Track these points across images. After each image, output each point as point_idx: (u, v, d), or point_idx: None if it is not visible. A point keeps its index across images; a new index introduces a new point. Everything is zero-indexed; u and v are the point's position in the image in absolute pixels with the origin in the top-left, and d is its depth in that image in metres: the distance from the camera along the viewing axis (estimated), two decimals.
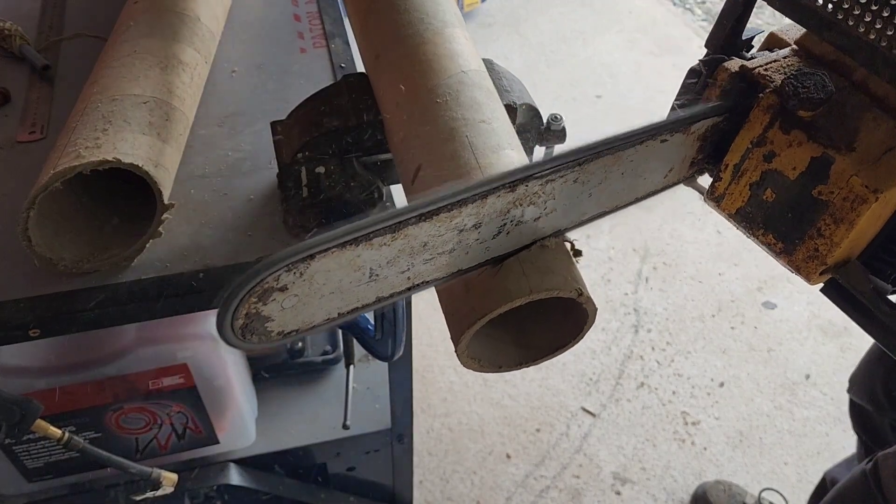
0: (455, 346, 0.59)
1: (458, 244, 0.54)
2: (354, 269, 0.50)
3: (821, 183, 0.60)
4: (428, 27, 0.74)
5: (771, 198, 0.65)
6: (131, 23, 0.88)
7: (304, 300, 0.49)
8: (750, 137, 0.64)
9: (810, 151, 0.60)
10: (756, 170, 0.65)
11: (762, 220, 0.67)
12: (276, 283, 0.46)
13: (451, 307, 0.59)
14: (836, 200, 0.60)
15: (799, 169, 0.62)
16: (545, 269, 0.57)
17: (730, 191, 0.68)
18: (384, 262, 0.51)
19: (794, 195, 0.63)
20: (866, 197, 0.58)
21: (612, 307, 2.27)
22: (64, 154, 0.71)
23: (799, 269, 0.66)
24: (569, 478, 1.87)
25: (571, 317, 0.62)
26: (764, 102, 0.62)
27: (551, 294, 0.56)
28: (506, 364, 0.64)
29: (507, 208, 0.54)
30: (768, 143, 0.63)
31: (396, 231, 0.49)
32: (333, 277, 0.49)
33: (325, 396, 1.30)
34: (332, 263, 0.48)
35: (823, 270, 0.64)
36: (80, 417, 1.04)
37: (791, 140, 0.61)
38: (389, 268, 0.52)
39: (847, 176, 0.58)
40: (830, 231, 0.61)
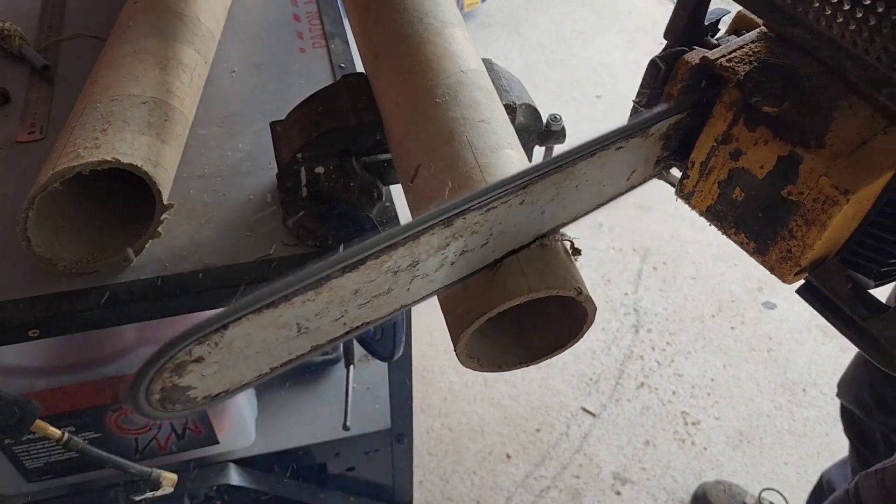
0: (454, 345, 0.58)
1: (395, 284, 0.51)
2: (278, 327, 0.47)
3: (790, 183, 0.56)
4: (427, 27, 0.74)
5: (740, 197, 0.61)
6: (131, 23, 0.88)
7: (227, 364, 0.47)
8: (714, 135, 0.60)
9: (777, 150, 0.56)
10: (723, 168, 0.61)
11: (733, 219, 0.63)
12: (189, 357, 0.44)
13: (450, 306, 0.59)
14: (807, 202, 0.56)
15: (766, 168, 0.57)
16: (544, 267, 0.57)
17: (699, 188, 0.65)
18: (311, 315, 0.48)
19: (764, 195, 0.58)
20: (837, 199, 0.53)
21: (612, 307, 2.27)
22: (63, 154, 0.71)
23: (773, 269, 0.62)
24: (569, 478, 1.87)
25: (571, 316, 0.62)
26: (726, 98, 0.58)
27: (550, 293, 0.56)
28: (505, 364, 0.64)
29: (445, 243, 0.51)
30: (734, 141, 0.59)
31: (319, 286, 0.46)
32: (256, 339, 0.47)
33: (325, 397, 1.30)
34: (251, 327, 0.45)
35: (798, 271, 0.60)
36: (79, 417, 1.04)
37: (757, 137, 0.57)
38: (319, 319, 0.49)
39: (816, 176, 0.54)
40: (802, 233, 0.57)
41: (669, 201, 0.73)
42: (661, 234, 2.50)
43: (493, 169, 0.62)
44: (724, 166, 0.61)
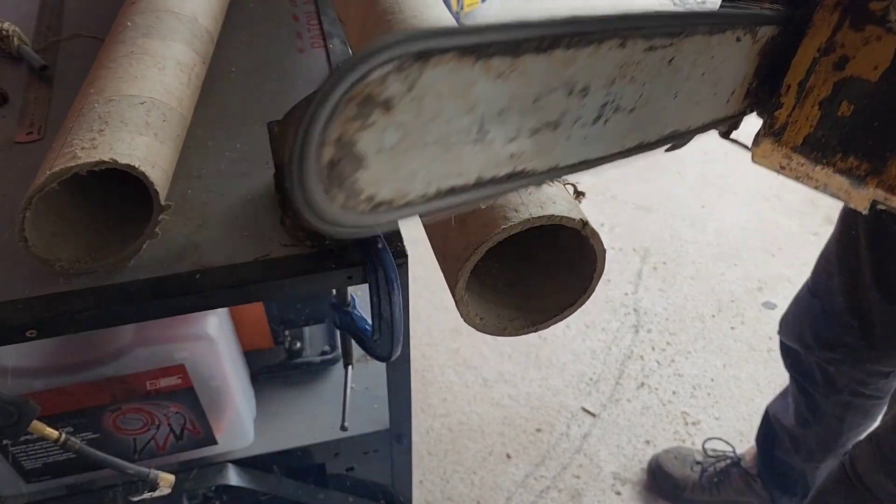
0: (452, 291, 0.55)
1: (563, 116, 0.45)
2: (466, 107, 0.40)
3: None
4: (423, 23, 0.74)
5: (848, 112, 0.57)
6: (129, 23, 0.88)
7: (407, 141, 0.38)
8: (816, 45, 0.57)
9: (892, 44, 0.53)
10: (826, 83, 0.57)
11: (839, 141, 0.57)
12: (380, 89, 0.35)
13: (445, 250, 0.56)
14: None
15: (882, 67, 0.54)
16: (546, 199, 0.54)
17: (793, 117, 0.59)
18: (495, 110, 0.42)
19: (880, 99, 0.54)
20: None
21: (612, 307, 2.27)
22: (60, 155, 0.71)
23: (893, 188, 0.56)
24: (569, 478, 1.87)
25: (578, 271, 0.59)
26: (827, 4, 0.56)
27: (553, 221, 0.53)
28: (511, 327, 0.61)
29: (612, 75, 0.46)
30: (839, 48, 0.56)
31: (516, 56, 0.40)
32: (443, 111, 0.39)
33: (324, 397, 1.30)
34: (446, 82, 0.38)
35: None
36: (77, 418, 1.04)
37: (867, 37, 0.54)
38: (499, 124, 0.42)
39: None
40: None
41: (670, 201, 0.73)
42: (662, 234, 2.50)
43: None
44: (828, 81, 0.57)
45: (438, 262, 0.58)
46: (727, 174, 2.75)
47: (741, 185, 2.71)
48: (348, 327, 1.03)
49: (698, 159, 2.80)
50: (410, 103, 0.37)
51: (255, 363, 1.30)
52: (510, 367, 2.11)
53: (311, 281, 0.81)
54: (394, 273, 0.78)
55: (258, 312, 1.25)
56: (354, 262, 0.81)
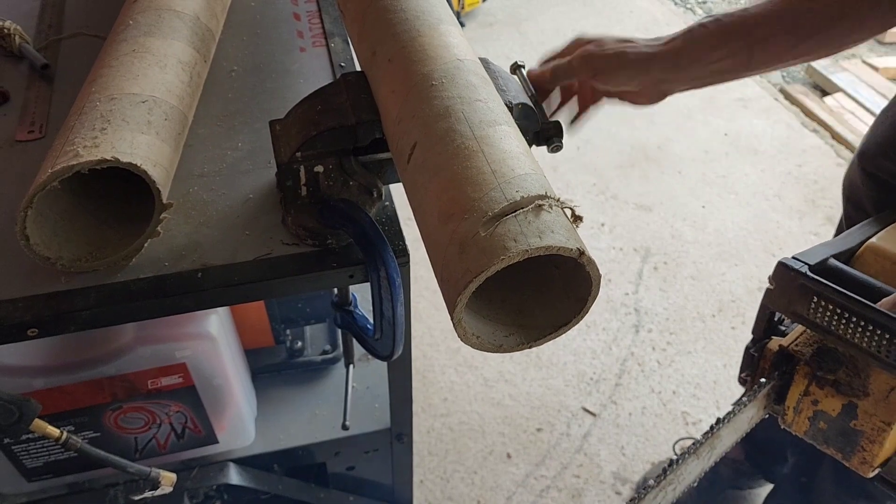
0: (450, 312, 0.56)
1: None
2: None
3: (854, 419, 0.89)
4: (423, 23, 0.74)
5: (824, 427, 0.93)
6: (130, 21, 0.88)
7: None
8: (798, 391, 0.94)
9: (840, 400, 0.89)
10: (809, 409, 0.93)
11: (823, 440, 0.94)
12: None
13: (446, 272, 0.57)
14: (867, 430, 0.88)
15: (836, 410, 0.90)
16: (545, 228, 0.55)
17: (794, 422, 0.96)
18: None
19: (839, 427, 0.90)
20: (884, 428, 0.87)
21: (612, 307, 2.27)
22: (62, 153, 0.71)
23: (857, 468, 0.92)
24: (569, 477, 1.87)
25: (573, 292, 0.60)
26: (801, 372, 0.93)
27: (551, 251, 0.53)
28: (507, 343, 0.62)
29: None
30: (812, 394, 0.92)
31: None
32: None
33: (325, 396, 1.30)
34: None
35: (873, 469, 0.91)
36: (78, 417, 1.04)
37: (826, 393, 0.90)
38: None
39: (869, 416, 0.87)
40: (868, 447, 0.89)
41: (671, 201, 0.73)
42: (662, 233, 2.50)
43: (490, 141, 0.61)
44: (809, 408, 0.93)
45: (438, 282, 0.59)
46: (728, 174, 2.75)
47: (742, 184, 2.71)
48: (349, 326, 1.03)
49: (699, 159, 2.80)
50: None
51: (257, 362, 1.30)
52: (511, 367, 2.11)
53: (313, 280, 0.81)
54: (395, 272, 0.78)
55: (259, 311, 1.25)
56: (356, 261, 0.81)
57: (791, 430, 0.96)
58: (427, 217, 0.61)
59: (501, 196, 0.56)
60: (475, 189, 0.57)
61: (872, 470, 0.90)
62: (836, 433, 0.91)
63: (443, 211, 0.58)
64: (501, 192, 0.56)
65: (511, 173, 0.58)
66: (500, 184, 0.57)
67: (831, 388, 0.89)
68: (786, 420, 0.97)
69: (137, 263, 0.79)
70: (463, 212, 0.57)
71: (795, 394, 0.93)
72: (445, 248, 0.57)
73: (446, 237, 0.57)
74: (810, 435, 0.95)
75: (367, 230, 0.77)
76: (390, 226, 0.86)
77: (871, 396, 0.86)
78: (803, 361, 0.91)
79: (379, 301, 0.82)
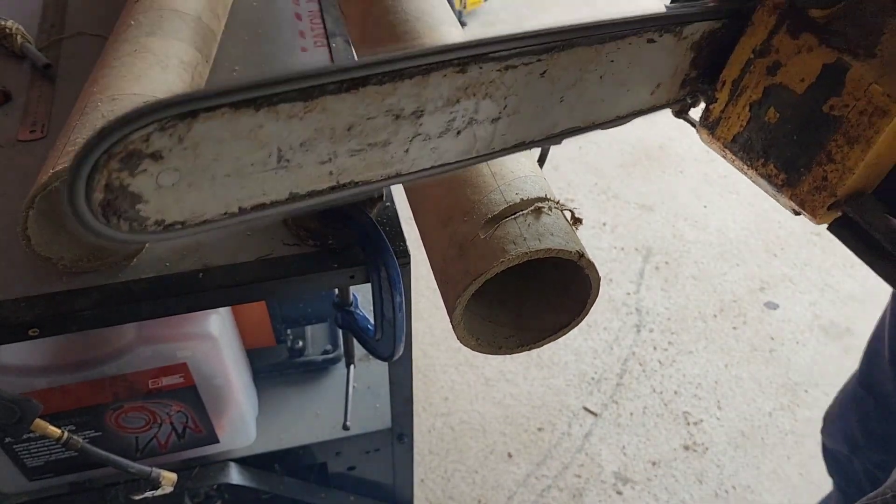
0: (450, 315, 0.56)
1: (394, 135, 0.43)
2: (257, 145, 0.39)
3: (834, 95, 0.52)
4: (424, 24, 0.74)
5: (774, 118, 0.56)
6: (132, 21, 0.88)
7: (189, 178, 0.38)
8: (752, 45, 0.56)
9: (823, 58, 0.52)
10: (758, 85, 0.56)
11: (762, 146, 0.57)
12: (145, 146, 0.35)
13: (445, 274, 0.57)
14: (852, 115, 0.51)
15: (808, 80, 0.53)
16: (544, 231, 0.55)
17: (726, 114, 0.59)
18: (296, 142, 0.40)
19: (802, 113, 0.54)
20: (888, 108, 0.49)
21: (614, 307, 2.27)
22: (64, 153, 0.71)
23: (804, 203, 0.57)
24: (570, 477, 1.87)
25: (572, 294, 0.60)
26: (770, 1, 0.54)
27: (550, 254, 0.54)
28: (506, 345, 0.62)
29: (455, 96, 0.44)
30: (773, 52, 0.55)
31: (310, 99, 0.38)
32: (228, 152, 0.38)
33: (326, 395, 1.30)
34: (225, 130, 0.37)
35: (832, 204, 0.55)
36: (79, 416, 1.04)
37: (800, 45, 0.53)
38: (304, 153, 0.41)
39: (865, 84, 0.50)
40: (843, 154, 0.52)
41: (672, 200, 0.73)
42: (664, 233, 2.50)
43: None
44: (759, 84, 0.56)
45: (437, 283, 0.59)
46: (729, 174, 2.75)
47: (743, 184, 2.70)
48: (350, 326, 1.03)
49: (701, 159, 2.80)
50: (183, 152, 0.37)
51: (258, 362, 1.30)
52: (512, 366, 2.11)
53: (314, 280, 0.81)
54: (396, 273, 0.78)
55: (260, 311, 1.25)
56: (357, 261, 0.81)
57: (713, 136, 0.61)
58: (427, 219, 0.61)
59: (501, 198, 0.56)
60: (475, 191, 0.57)
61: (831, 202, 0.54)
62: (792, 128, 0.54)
63: (443, 213, 0.59)
64: (501, 195, 0.57)
65: (511, 175, 0.58)
66: (499, 186, 0.57)
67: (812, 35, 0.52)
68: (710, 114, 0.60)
69: (138, 264, 0.79)
70: (463, 214, 0.57)
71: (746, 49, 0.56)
72: (445, 250, 0.57)
73: (446, 239, 0.57)
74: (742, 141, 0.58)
75: (368, 231, 0.77)
76: (391, 226, 0.86)
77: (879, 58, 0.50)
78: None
79: (380, 302, 0.82)
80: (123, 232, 0.38)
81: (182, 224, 0.40)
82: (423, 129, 0.45)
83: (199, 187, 0.39)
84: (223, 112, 0.36)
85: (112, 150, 0.34)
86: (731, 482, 1.86)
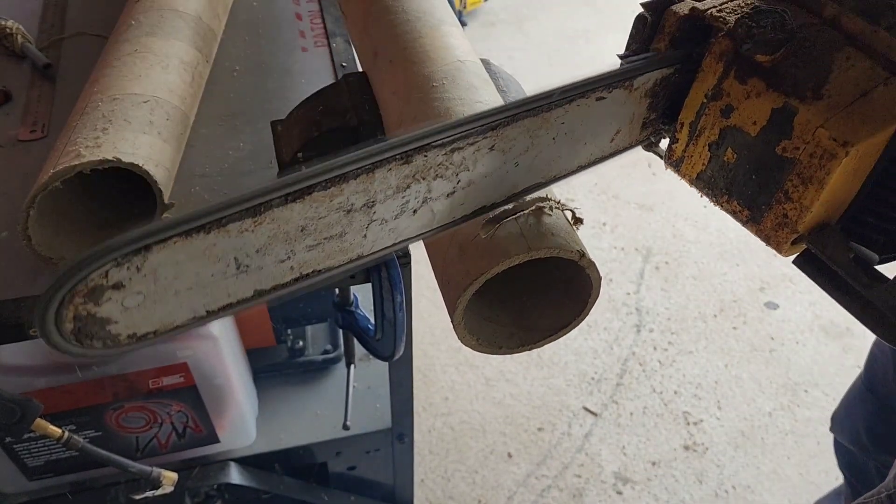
0: (451, 315, 0.56)
1: (349, 226, 0.45)
2: (213, 259, 0.41)
3: (784, 138, 0.52)
4: (424, 24, 0.74)
5: (732, 159, 0.56)
6: (132, 21, 0.88)
7: (154, 297, 0.40)
8: (704, 90, 0.56)
9: (771, 102, 0.52)
10: (714, 127, 0.56)
11: (725, 185, 0.58)
12: (105, 281, 0.38)
13: (446, 275, 0.57)
14: (803, 157, 0.51)
15: (760, 123, 0.53)
16: (545, 231, 0.55)
17: (688, 153, 0.60)
18: (251, 250, 0.42)
19: (757, 154, 0.54)
20: (835, 151, 0.49)
21: (614, 307, 2.27)
22: (64, 153, 0.71)
23: (769, 239, 0.57)
24: (570, 477, 1.87)
25: (573, 294, 0.60)
26: (716, 49, 0.54)
27: (551, 253, 0.53)
28: (507, 345, 0.62)
29: (405, 183, 0.46)
30: (724, 96, 0.55)
31: (258, 215, 0.41)
32: (187, 270, 0.40)
33: (326, 395, 1.30)
34: (180, 254, 0.39)
35: (796, 239, 0.55)
36: (80, 416, 1.04)
37: (749, 90, 0.53)
38: (262, 257, 0.43)
39: (812, 128, 0.50)
40: (799, 193, 0.52)
41: (672, 200, 0.72)
42: (664, 233, 2.50)
43: None
44: (715, 126, 0.56)
45: (438, 283, 0.58)
46: None
47: None
48: (351, 326, 1.03)
49: None
50: (143, 278, 0.39)
51: (258, 362, 1.30)
52: (512, 366, 2.11)
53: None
54: (397, 272, 0.78)
55: (261, 311, 1.25)
56: None
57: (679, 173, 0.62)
58: None
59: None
60: None
61: (794, 237, 0.55)
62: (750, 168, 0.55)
63: None
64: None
65: None
66: None
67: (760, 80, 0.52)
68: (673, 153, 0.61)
69: None
70: None
71: (699, 94, 0.56)
72: (446, 250, 0.57)
73: (447, 239, 0.57)
74: (706, 178, 0.59)
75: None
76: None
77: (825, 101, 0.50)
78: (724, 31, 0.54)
79: (380, 302, 0.82)
80: (98, 349, 0.41)
81: (154, 333, 0.42)
82: (377, 216, 0.46)
83: (165, 302, 0.41)
84: (175, 241, 0.39)
85: (74, 290, 0.37)
86: (731, 482, 1.86)
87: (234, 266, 0.42)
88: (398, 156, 0.44)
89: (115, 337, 0.41)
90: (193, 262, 0.40)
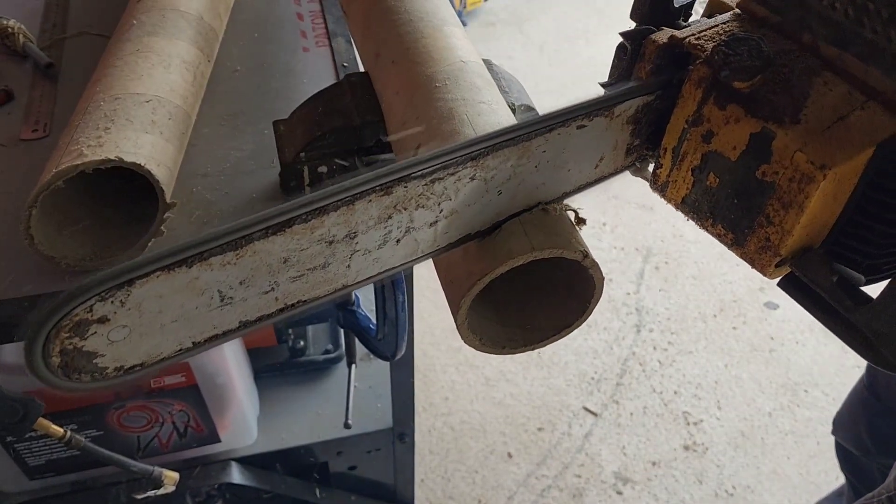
0: (454, 315, 0.56)
1: (332, 257, 0.46)
2: (196, 292, 0.41)
3: (763, 162, 0.52)
4: (427, 24, 0.74)
5: (715, 183, 0.57)
6: (134, 21, 0.88)
7: (139, 330, 0.41)
8: (685, 116, 0.57)
9: (749, 127, 0.52)
10: (696, 153, 0.57)
11: (709, 208, 0.59)
12: (90, 315, 0.38)
13: (449, 275, 0.57)
14: (782, 182, 0.51)
15: (739, 148, 0.54)
16: (548, 231, 0.55)
17: (672, 178, 0.61)
18: (235, 282, 0.43)
19: (738, 178, 0.55)
20: (813, 175, 0.49)
21: (614, 307, 2.27)
22: (66, 153, 0.71)
23: (753, 262, 0.58)
24: (570, 477, 1.87)
25: (576, 294, 0.60)
26: (695, 75, 0.55)
27: (554, 253, 0.53)
28: (509, 345, 0.62)
29: (386, 213, 0.46)
30: (705, 122, 0.55)
31: (240, 248, 0.41)
32: (170, 304, 0.41)
33: (327, 395, 1.30)
34: (162, 288, 0.40)
35: (779, 262, 0.56)
36: (81, 416, 1.04)
37: (728, 116, 0.54)
38: (245, 289, 0.43)
39: (790, 152, 0.50)
40: (780, 217, 0.53)
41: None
42: (664, 233, 2.50)
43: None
44: (697, 151, 0.57)
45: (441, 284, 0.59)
46: None
47: None
48: (352, 326, 1.03)
49: None
50: (128, 312, 0.40)
51: (259, 361, 1.30)
52: (512, 366, 2.11)
53: None
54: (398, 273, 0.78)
55: None
56: None
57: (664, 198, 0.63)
58: None
59: None
60: None
61: (777, 261, 0.56)
62: (732, 193, 0.56)
63: None
64: None
65: None
66: None
67: (738, 106, 0.53)
68: (658, 178, 0.61)
69: None
70: None
71: (681, 120, 0.57)
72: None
73: None
74: (690, 203, 0.60)
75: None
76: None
77: (803, 125, 0.51)
78: (702, 59, 0.55)
79: (382, 301, 0.82)
80: (85, 383, 0.41)
81: (141, 365, 0.43)
82: (360, 246, 0.47)
83: (150, 335, 0.42)
84: (157, 275, 0.39)
85: (60, 324, 0.38)
86: (731, 482, 1.86)
87: (217, 298, 0.43)
88: (378, 187, 0.45)
89: (102, 370, 0.41)
90: (177, 296, 0.41)
